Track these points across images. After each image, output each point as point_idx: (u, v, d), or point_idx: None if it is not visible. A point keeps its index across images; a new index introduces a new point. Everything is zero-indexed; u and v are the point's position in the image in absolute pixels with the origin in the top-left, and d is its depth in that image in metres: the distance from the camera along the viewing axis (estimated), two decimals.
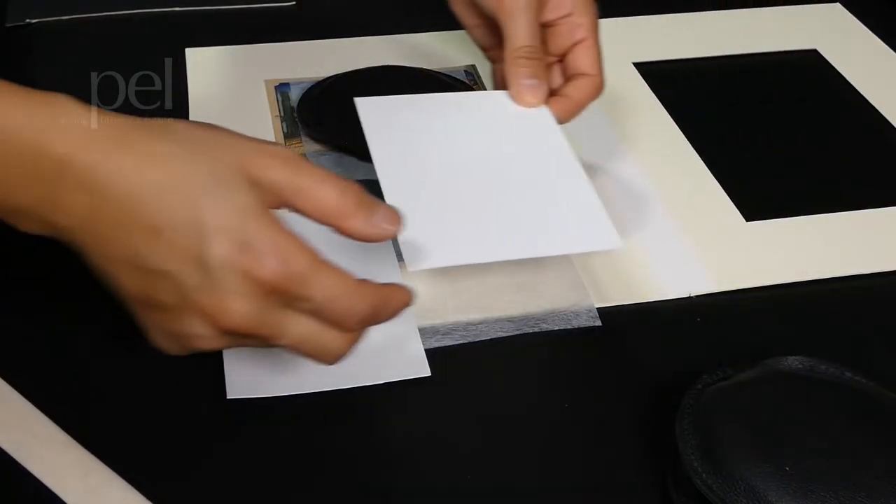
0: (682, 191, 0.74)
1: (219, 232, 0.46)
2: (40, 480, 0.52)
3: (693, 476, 0.49)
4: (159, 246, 0.46)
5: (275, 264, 0.46)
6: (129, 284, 0.48)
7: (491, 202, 0.59)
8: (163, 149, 0.47)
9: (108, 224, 0.47)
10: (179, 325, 0.48)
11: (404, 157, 0.56)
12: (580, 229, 0.59)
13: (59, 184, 0.46)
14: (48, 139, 0.46)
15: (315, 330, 0.49)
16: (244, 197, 0.47)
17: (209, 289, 0.46)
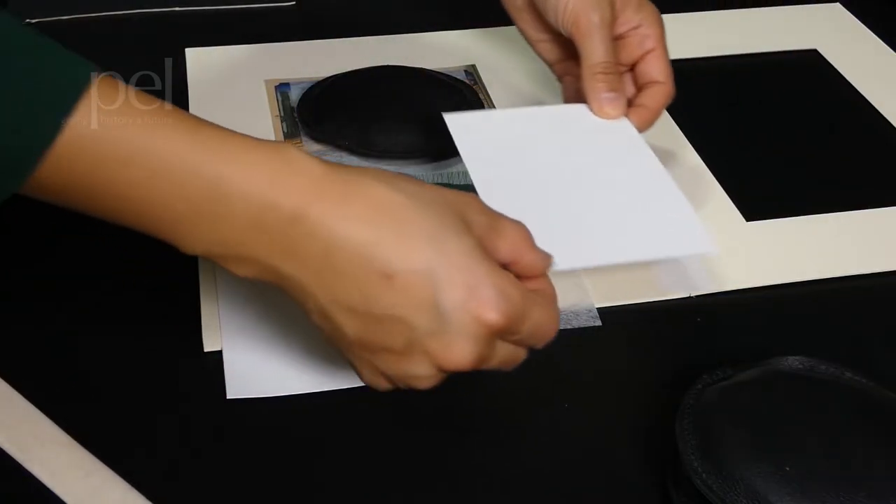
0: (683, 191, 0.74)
1: (450, 277, 0.47)
2: (40, 480, 0.52)
3: (693, 476, 0.49)
4: (392, 292, 0.47)
5: (502, 308, 0.48)
6: (352, 328, 0.49)
7: (587, 210, 0.61)
8: (390, 197, 0.48)
9: (339, 270, 0.48)
10: (402, 367, 0.49)
11: (499, 171, 0.58)
12: (676, 235, 0.61)
13: (292, 233, 0.48)
14: (281, 188, 0.47)
15: (511, 351, 0.51)
16: (467, 240, 0.49)
17: (439, 333, 0.48)
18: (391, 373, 0.50)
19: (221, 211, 0.47)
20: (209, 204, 0.47)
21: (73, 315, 0.62)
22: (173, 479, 0.53)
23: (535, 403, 0.58)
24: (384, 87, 0.81)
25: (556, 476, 0.54)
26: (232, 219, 0.48)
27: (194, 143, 0.48)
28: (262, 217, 0.47)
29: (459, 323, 0.48)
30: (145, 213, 0.48)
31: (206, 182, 0.47)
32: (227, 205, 0.47)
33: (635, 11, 0.70)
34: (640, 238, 0.60)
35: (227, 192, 0.47)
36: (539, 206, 0.54)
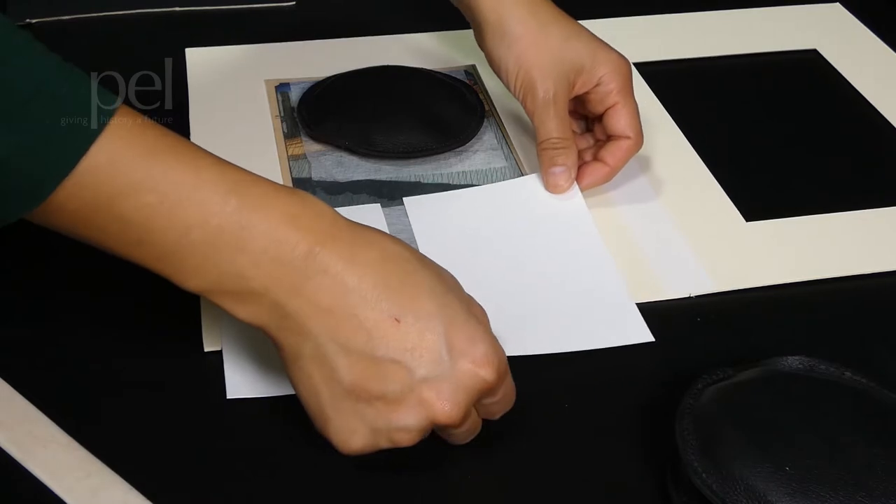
0: (682, 191, 0.74)
1: (453, 327, 0.49)
2: (40, 480, 0.52)
3: (693, 476, 0.49)
4: (397, 334, 0.49)
5: (495, 365, 0.50)
6: (349, 373, 0.49)
7: (531, 297, 0.64)
8: (395, 249, 0.51)
9: (347, 310, 0.49)
10: (391, 417, 0.49)
11: (451, 255, 0.59)
12: (615, 325, 0.63)
13: (305, 267, 0.48)
14: (300, 225, 0.49)
15: (476, 423, 0.53)
16: (465, 298, 0.52)
17: (437, 380, 0.49)
18: (378, 424, 0.50)
19: (241, 242, 0.48)
20: (231, 234, 0.48)
21: (74, 315, 0.62)
22: (173, 479, 0.53)
23: (535, 403, 0.57)
24: (384, 87, 0.81)
25: (556, 476, 0.54)
26: (250, 249, 0.48)
27: (221, 175, 0.49)
28: (280, 250, 0.48)
29: (458, 372, 0.49)
30: (156, 243, 0.48)
31: (230, 212, 0.48)
32: (248, 235, 0.48)
33: (594, 69, 0.70)
34: (581, 328, 0.62)
35: (251, 223, 0.48)
36: (485, 291, 0.57)
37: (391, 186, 0.73)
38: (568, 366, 0.60)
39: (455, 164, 0.75)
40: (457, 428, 0.51)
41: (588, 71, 0.70)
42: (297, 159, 0.75)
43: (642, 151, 0.77)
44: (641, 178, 0.75)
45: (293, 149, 0.76)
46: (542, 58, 0.69)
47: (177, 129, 0.76)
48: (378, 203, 0.71)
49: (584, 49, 0.70)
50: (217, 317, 0.61)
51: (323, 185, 0.72)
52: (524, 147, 0.77)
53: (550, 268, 0.66)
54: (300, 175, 0.73)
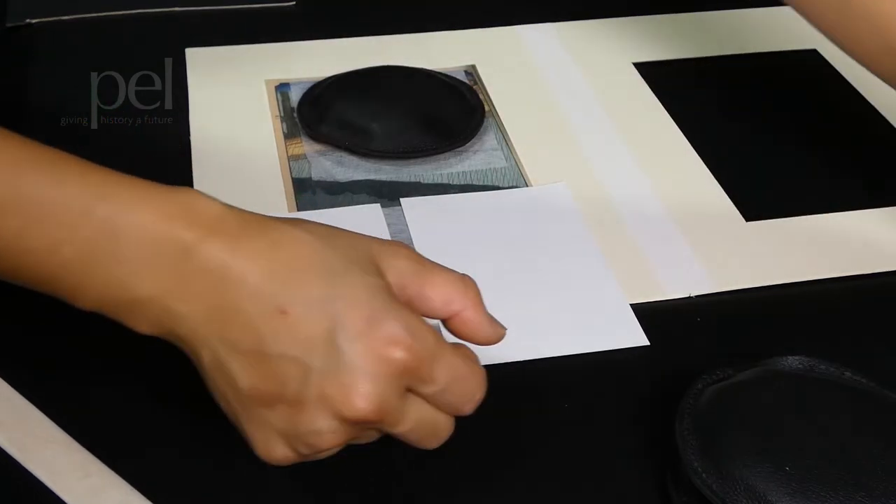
0: (682, 191, 0.74)
1: (348, 309, 0.44)
2: (40, 480, 0.52)
3: (693, 476, 0.49)
4: (285, 328, 0.44)
5: (407, 343, 0.44)
6: (246, 377, 0.45)
7: (527, 301, 0.64)
8: (293, 235, 0.46)
9: (232, 308, 0.45)
10: (299, 421, 0.45)
11: (447, 259, 0.58)
12: (612, 329, 0.62)
13: (185, 268, 0.45)
14: (175, 224, 0.45)
15: (430, 414, 0.47)
16: (374, 279, 0.46)
17: (335, 371, 0.44)
18: (288, 430, 0.45)
19: (113, 250, 0.45)
20: (102, 245, 0.45)
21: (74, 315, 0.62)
22: (173, 479, 0.53)
23: (535, 403, 0.57)
24: (384, 87, 0.81)
25: (556, 476, 0.54)
26: (125, 257, 0.45)
27: (84, 184, 0.46)
28: (157, 252, 0.45)
29: (358, 358, 0.44)
30: (32, 266, 0.46)
31: (97, 221, 0.45)
32: (120, 243, 0.45)
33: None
34: (575, 332, 0.62)
35: (120, 230, 0.45)
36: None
37: (391, 186, 0.73)
38: (567, 366, 0.60)
39: (455, 164, 0.75)
40: (385, 424, 0.46)
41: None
42: (297, 159, 0.75)
43: (643, 152, 0.77)
44: (641, 178, 0.75)
45: (293, 149, 0.76)
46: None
47: (177, 129, 0.77)
48: (378, 203, 0.71)
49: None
50: None
51: (323, 185, 0.72)
52: (524, 147, 0.77)
53: (546, 272, 0.66)
54: (300, 175, 0.73)
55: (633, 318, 0.63)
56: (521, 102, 0.82)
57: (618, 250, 0.68)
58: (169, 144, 0.76)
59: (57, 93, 0.81)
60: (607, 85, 0.85)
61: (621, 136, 0.79)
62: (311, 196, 0.71)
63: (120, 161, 0.77)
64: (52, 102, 0.80)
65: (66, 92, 0.80)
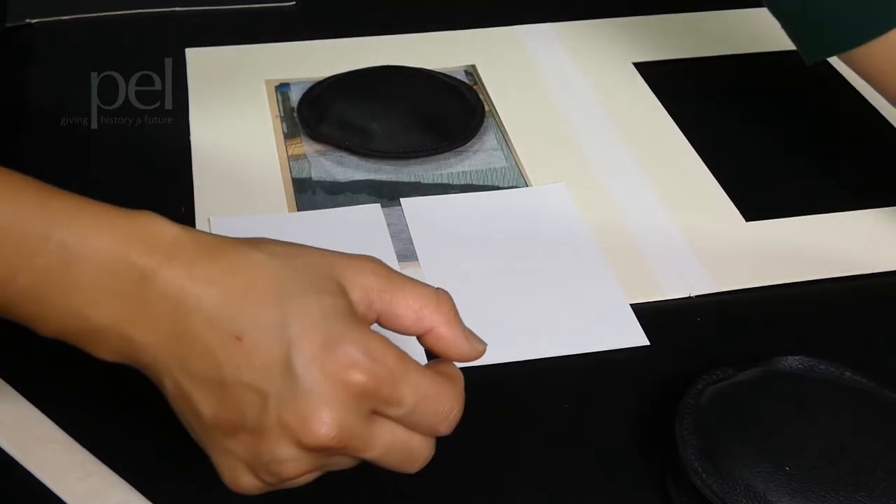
0: (682, 191, 0.74)
1: (303, 333, 0.43)
2: (40, 480, 0.52)
3: (693, 476, 0.49)
4: (241, 355, 0.43)
5: (364, 365, 0.43)
6: (207, 406, 0.44)
7: (527, 302, 0.64)
8: (250, 259, 0.45)
9: (189, 335, 0.44)
10: (260, 449, 0.44)
11: (447, 259, 0.58)
12: (612, 329, 0.62)
13: (141, 295, 0.44)
14: (131, 251, 0.44)
15: (402, 437, 0.45)
16: (332, 300, 0.44)
17: (292, 398, 0.42)
18: (252, 460, 0.44)
19: (71, 277, 0.44)
20: (58, 271, 0.44)
21: None
22: (173, 480, 0.53)
23: (534, 403, 0.57)
24: (384, 87, 0.81)
25: (556, 476, 0.54)
26: (83, 285, 0.44)
27: (41, 210, 0.45)
28: (114, 280, 0.44)
29: (314, 384, 0.42)
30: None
31: (54, 248, 0.44)
32: (76, 271, 0.44)
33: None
34: (575, 332, 0.62)
35: (77, 257, 0.44)
36: (480, 294, 0.56)
37: (391, 186, 0.73)
38: (567, 366, 0.60)
39: (455, 164, 0.75)
40: (351, 450, 0.44)
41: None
42: (297, 159, 0.75)
43: (643, 152, 0.77)
44: (641, 178, 0.75)
45: (293, 149, 0.76)
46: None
47: (177, 129, 0.77)
48: (378, 203, 0.71)
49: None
50: None
51: (323, 185, 0.72)
52: (524, 147, 0.77)
53: (545, 272, 0.66)
54: (300, 175, 0.73)
55: (633, 318, 0.63)
56: (521, 102, 0.82)
57: (618, 250, 0.68)
58: (169, 144, 0.76)
59: (57, 93, 0.81)
60: (607, 85, 0.85)
61: (621, 136, 0.79)
62: (311, 196, 0.71)
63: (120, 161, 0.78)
64: (52, 102, 0.80)
65: (66, 92, 0.80)
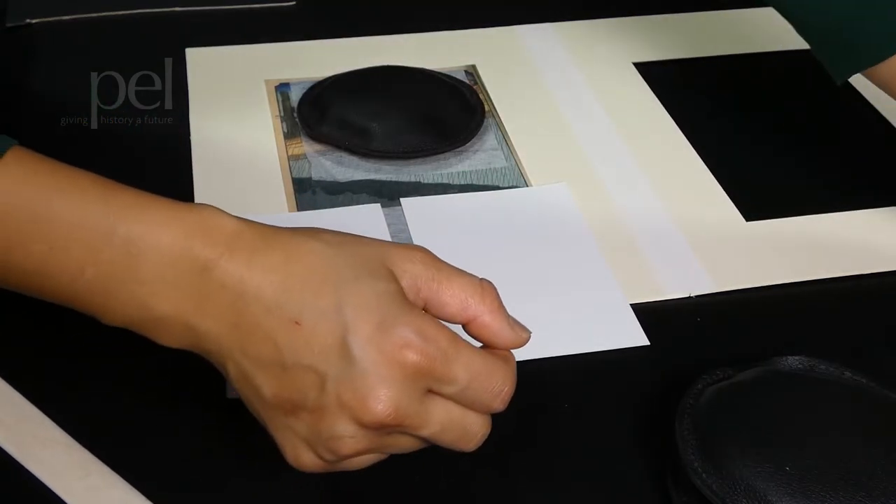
0: (682, 191, 0.74)
1: (359, 317, 0.45)
2: (40, 480, 0.52)
3: (693, 476, 0.49)
4: (300, 338, 0.45)
5: (417, 345, 0.45)
6: (269, 387, 0.46)
7: (528, 302, 0.62)
8: (307, 247, 0.47)
9: (251, 322, 0.46)
10: (320, 427, 0.46)
11: (443, 257, 0.58)
12: (613, 329, 0.62)
13: (203, 286, 0.46)
14: (193, 244, 0.46)
15: (457, 414, 0.47)
16: (385, 285, 0.46)
17: (350, 378, 0.45)
18: (311, 437, 0.46)
19: (135, 271, 0.46)
20: (123, 266, 0.46)
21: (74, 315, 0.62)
22: (173, 480, 0.53)
23: (534, 403, 0.57)
24: (384, 87, 0.81)
25: (556, 476, 0.54)
26: (146, 278, 0.46)
27: (106, 207, 0.47)
28: (176, 272, 0.46)
29: (370, 364, 0.44)
30: (57, 288, 0.48)
31: (119, 243, 0.46)
32: (140, 264, 0.46)
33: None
34: (576, 332, 0.62)
35: (140, 251, 0.46)
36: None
37: (391, 186, 0.73)
38: (567, 366, 0.60)
39: (455, 164, 0.75)
40: (408, 427, 0.46)
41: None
42: (297, 159, 0.75)
43: (643, 152, 0.77)
44: (641, 178, 0.75)
45: (293, 149, 0.76)
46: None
47: (177, 130, 0.77)
48: (378, 203, 0.71)
49: None
50: None
51: (323, 185, 0.72)
52: (524, 147, 0.77)
53: (545, 272, 0.66)
54: (300, 175, 0.73)
55: (633, 318, 0.63)
56: (521, 102, 0.82)
57: (618, 250, 0.68)
58: (169, 144, 0.76)
59: (57, 93, 0.81)
60: (607, 85, 0.85)
61: (621, 136, 0.79)
62: (311, 196, 0.71)
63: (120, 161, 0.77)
64: (52, 102, 0.80)
65: (66, 92, 0.80)
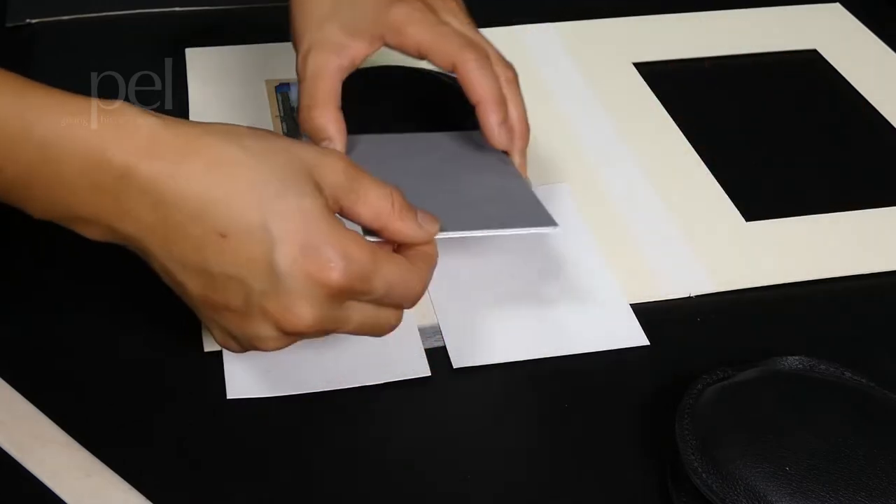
0: (682, 191, 0.74)
1: (285, 236, 0.46)
2: (40, 480, 0.52)
3: (693, 476, 0.49)
4: (226, 251, 0.47)
5: (340, 267, 0.47)
6: (194, 288, 0.48)
7: (522, 300, 0.63)
8: (230, 156, 0.47)
9: (175, 230, 0.47)
10: (244, 328, 0.49)
11: (444, 256, 0.58)
12: (607, 328, 0.62)
13: (122, 192, 0.47)
14: (110, 147, 0.47)
15: (371, 314, 0.50)
16: (309, 201, 0.47)
17: (275, 293, 0.47)
18: (236, 333, 0.49)
19: (53, 173, 0.47)
20: (40, 167, 0.47)
21: (74, 315, 0.62)
22: (173, 480, 0.53)
23: (534, 402, 0.57)
24: (384, 87, 0.80)
25: (556, 476, 0.54)
26: (65, 180, 0.47)
27: (22, 106, 0.47)
28: (94, 176, 0.47)
29: (295, 283, 0.47)
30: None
31: (35, 145, 0.47)
32: (58, 166, 0.47)
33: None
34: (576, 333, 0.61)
35: (58, 154, 0.47)
36: (480, 295, 0.57)
37: None
38: (567, 366, 0.60)
39: None
40: (327, 332, 0.49)
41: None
42: None
43: (643, 152, 0.77)
44: (641, 179, 0.75)
45: None
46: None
47: None
48: None
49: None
50: None
51: None
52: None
53: (546, 272, 0.66)
54: None
55: (633, 318, 0.63)
56: None
57: (618, 250, 0.68)
58: None
59: None
60: (607, 85, 0.85)
61: (621, 136, 0.79)
62: None
63: None
64: None
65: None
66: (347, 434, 0.56)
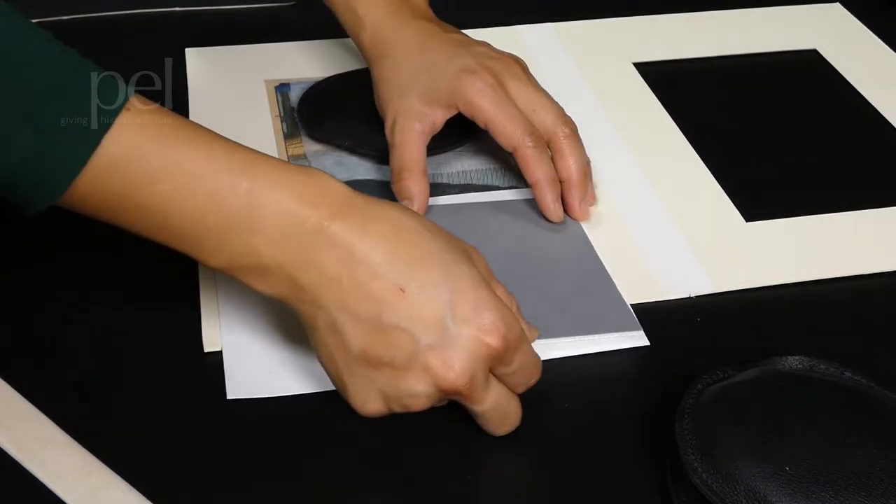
0: (682, 191, 0.74)
1: (459, 297, 0.51)
2: (40, 481, 0.52)
3: (693, 476, 0.49)
4: (403, 305, 0.51)
5: (502, 332, 0.52)
6: (359, 342, 0.51)
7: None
8: (408, 223, 0.53)
9: (355, 281, 0.51)
10: (400, 384, 0.52)
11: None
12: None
13: (314, 242, 0.51)
14: (309, 203, 0.52)
15: (505, 397, 0.54)
16: (477, 272, 0.53)
17: (441, 347, 0.51)
18: (388, 390, 0.52)
19: (253, 223, 0.51)
20: (242, 216, 0.51)
21: (74, 316, 0.62)
22: (173, 480, 0.53)
23: (534, 402, 0.57)
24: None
25: (556, 476, 0.54)
26: (261, 230, 0.51)
27: (231, 161, 0.52)
28: (290, 228, 0.51)
29: (462, 339, 0.51)
30: (175, 228, 0.52)
31: (240, 197, 0.51)
32: (260, 214, 0.51)
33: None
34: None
35: (262, 203, 0.51)
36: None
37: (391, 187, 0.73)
38: (567, 366, 0.60)
39: (455, 163, 0.75)
40: (470, 398, 0.52)
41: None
42: (297, 159, 0.75)
43: (643, 152, 0.77)
44: (641, 179, 0.75)
45: (293, 149, 0.76)
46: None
47: None
48: None
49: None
50: (217, 317, 0.61)
51: None
52: None
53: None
54: None
55: (633, 319, 0.63)
56: None
57: (618, 250, 0.68)
58: None
59: None
60: (607, 85, 0.85)
61: (621, 136, 0.79)
62: None
63: None
64: None
65: None
66: (348, 434, 0.56)
